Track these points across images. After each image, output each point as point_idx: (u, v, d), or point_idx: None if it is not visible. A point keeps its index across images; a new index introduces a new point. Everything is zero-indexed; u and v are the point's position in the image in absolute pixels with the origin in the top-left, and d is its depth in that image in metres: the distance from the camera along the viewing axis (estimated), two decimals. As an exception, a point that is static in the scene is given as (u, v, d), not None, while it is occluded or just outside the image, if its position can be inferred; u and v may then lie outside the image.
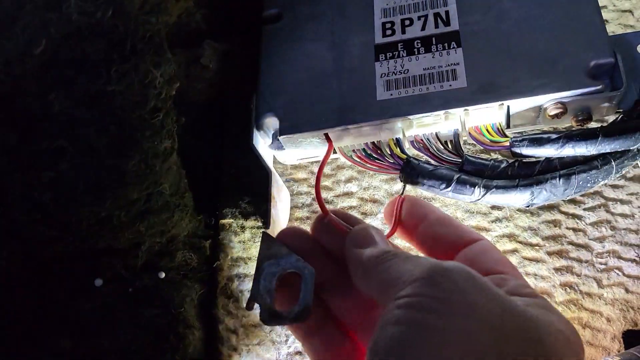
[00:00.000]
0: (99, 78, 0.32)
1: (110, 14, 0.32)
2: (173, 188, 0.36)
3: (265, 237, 0.39)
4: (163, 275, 0.37)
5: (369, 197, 0.46)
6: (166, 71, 0.35)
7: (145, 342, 0.34)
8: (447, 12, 0.42)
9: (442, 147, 0.39)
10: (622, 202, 0.43)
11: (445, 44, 0.41)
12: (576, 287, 0.41)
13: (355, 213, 0.45)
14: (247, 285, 0.41)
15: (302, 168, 0.48)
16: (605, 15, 0.50)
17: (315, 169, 0.47)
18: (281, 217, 0.44)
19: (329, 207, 0.38)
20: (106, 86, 0.32)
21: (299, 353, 0.38)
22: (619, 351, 0.38)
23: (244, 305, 0.40)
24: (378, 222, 0.44)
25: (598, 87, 0.36)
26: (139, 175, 0.34)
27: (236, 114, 0.46)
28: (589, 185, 0.36)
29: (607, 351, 0.39)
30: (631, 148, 0.36)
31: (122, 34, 0.33)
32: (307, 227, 0.44)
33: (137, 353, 0.33)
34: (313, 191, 0.47)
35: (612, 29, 0.49)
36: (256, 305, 0.36)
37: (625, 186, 0.44)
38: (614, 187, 0.44)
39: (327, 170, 0.47)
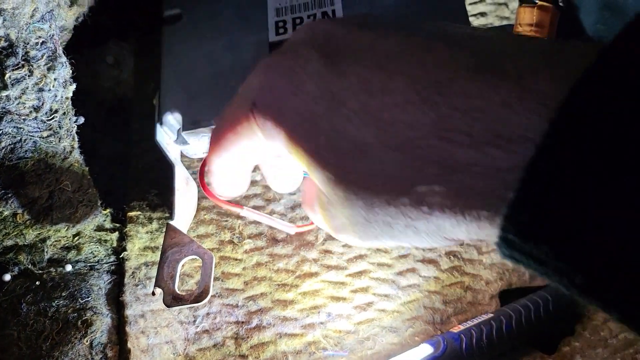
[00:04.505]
0: (-7, 84, 0.34)
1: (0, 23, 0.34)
2: (75, 185, 0.38)
3: (170, 228, 0.42)
4: (70, 268, 0.39)
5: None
6: (61, 74, 0.36)
7: (53, 330, 0.36)
8: (333, 11, 0.45)
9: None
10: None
11: (332, 40, 0.44)
12: (459, 255, 0.45)
13: (259, 200, 0.48)
14: (154, 272, 0.43)
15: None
16: (483, 7, 0.55)
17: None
18: (189, 207, 0.46)
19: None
20: (1, 92, 0.34)
21: (206, 332, 0.41)
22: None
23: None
24: (281, 207, 0.47)
25: None
26: (39, 174, 0.36)
27: (142, 111, 0.49)
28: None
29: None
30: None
31: (14, 41, 0.34)
32: (213, 216, 0.47)
33: (46, 340, 0.35)
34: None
35: (490, 20, 0.54)
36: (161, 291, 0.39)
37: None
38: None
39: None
